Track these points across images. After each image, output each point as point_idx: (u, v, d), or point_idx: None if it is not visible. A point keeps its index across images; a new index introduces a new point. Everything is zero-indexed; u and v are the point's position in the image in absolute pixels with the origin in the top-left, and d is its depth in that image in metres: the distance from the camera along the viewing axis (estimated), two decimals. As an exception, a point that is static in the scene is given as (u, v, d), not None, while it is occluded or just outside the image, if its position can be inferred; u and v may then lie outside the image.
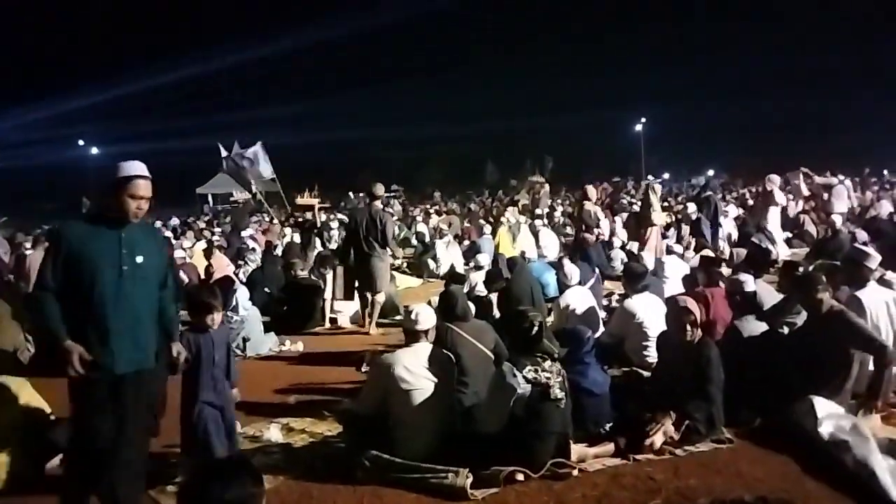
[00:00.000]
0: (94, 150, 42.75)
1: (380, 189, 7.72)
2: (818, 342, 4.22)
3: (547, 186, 21.46)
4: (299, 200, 14.48)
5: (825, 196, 13.75)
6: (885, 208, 13.44)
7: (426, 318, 4.07)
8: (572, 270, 6.57)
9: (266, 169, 15.44)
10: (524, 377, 3.71)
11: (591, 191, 12.84)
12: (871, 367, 4.14)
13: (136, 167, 3.17)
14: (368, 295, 7.62)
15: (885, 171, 24.49)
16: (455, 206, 24.77)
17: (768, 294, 5.40)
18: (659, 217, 11.16)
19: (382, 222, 7.33)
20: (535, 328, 3.88)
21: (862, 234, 9.16)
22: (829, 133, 46.74)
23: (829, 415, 3.82)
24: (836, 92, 53.11)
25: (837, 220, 10.57)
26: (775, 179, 12.42)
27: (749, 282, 5.16)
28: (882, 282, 5.06)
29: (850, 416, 3.85)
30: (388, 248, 7.54)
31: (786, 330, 4.85)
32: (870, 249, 4.99)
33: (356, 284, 7.66)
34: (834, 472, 3.49)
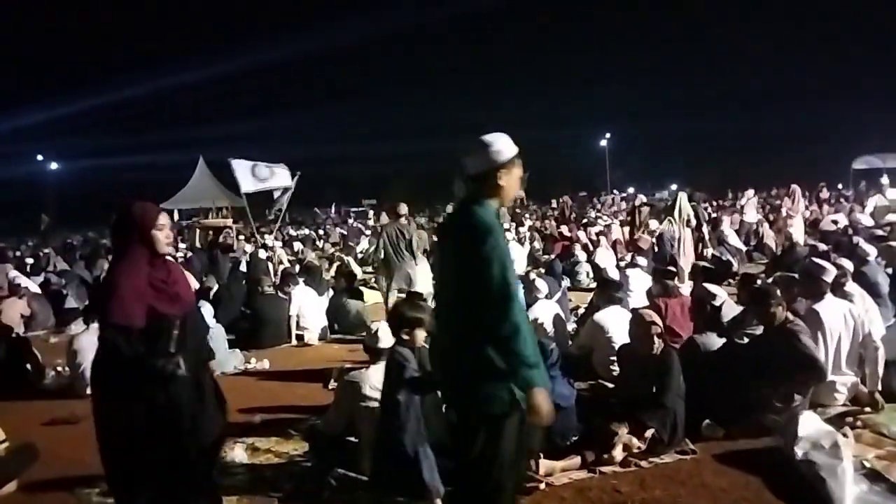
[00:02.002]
0: (54, 166, 41.75)
1: (403, 208, 9.01)
2: (773, 353, 4.32)
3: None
4: (206, 221, 13.95)
5: (740, 206, 15.87)
6: (840, 221, 13.86)
7: (388, 336, 4.04)
8: (541, 285, 6.68)
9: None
10: None
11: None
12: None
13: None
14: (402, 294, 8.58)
15: (840, 186, 25.29)
16: (423, 221, 24.80)
17: (728, 306, 5.50)
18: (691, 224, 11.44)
19: (409, 235, 8.63)
20: None
21: (822, 246, 9.44)
22: (784, 149, 48.25)
23: (810, 434, 3.76)
24: (792, 110, 54.94)
25: (795, 233, 10.87)
26: (797, 189, 13.20)
27: (719, 294, 5.25)
28: (842, 293, 5.18)
29: (833, 434, 3.76)
30: (415, 255, 8.71)
31: (745, 340, 4.94)
32: (825, 263, 5.11)
33: (391, 285, 8.69)
34: (798, 488, 3.51)
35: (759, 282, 5.99)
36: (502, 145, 2.61)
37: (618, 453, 3.86)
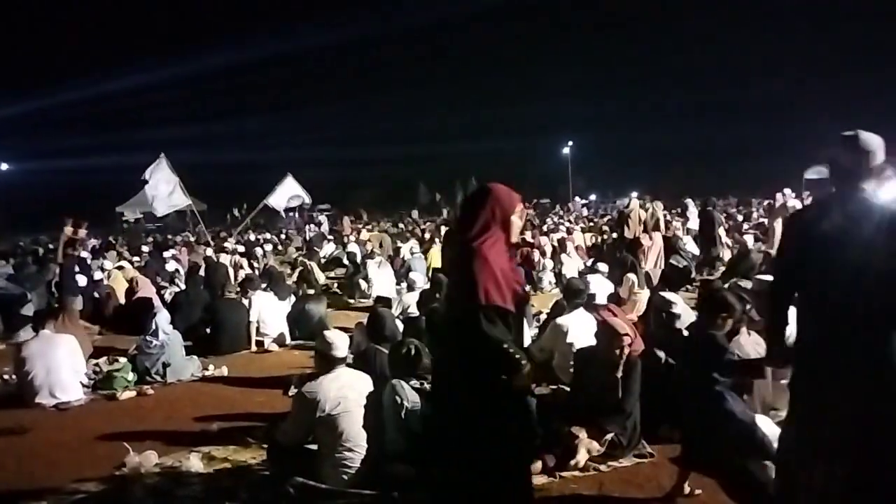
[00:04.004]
0: (3, 167, 40.32)
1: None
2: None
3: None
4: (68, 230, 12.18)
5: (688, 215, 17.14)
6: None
7: (342, 345, 3.99)
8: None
9: (179, 198, 14.26)
10: (411, 387, 3.86)
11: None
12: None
13: None
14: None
15: (794, 194, 25.97)
16: (388, 226, 24.71)
17: (687, 313, 5.58)
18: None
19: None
20: (413, 350, 4.06)
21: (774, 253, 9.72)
22: (740, 159, 49.62)
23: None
24: (749, 120, 56.65)
25: (749, 240, 11.16)
26: (789, 193, 13.56)
27: (677, 302, 5.32)
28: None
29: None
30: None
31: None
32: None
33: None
34: (753, 490, 3.54)
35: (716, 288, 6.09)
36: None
37: (582, 457, 3.89)
